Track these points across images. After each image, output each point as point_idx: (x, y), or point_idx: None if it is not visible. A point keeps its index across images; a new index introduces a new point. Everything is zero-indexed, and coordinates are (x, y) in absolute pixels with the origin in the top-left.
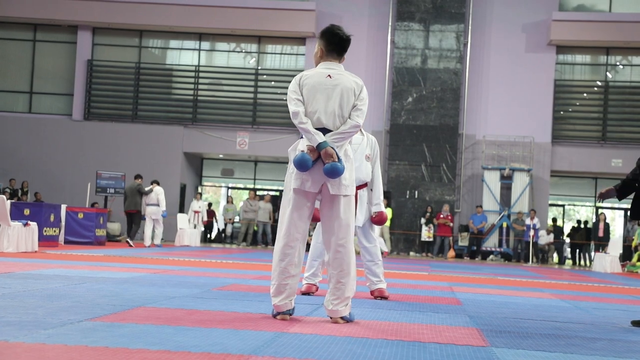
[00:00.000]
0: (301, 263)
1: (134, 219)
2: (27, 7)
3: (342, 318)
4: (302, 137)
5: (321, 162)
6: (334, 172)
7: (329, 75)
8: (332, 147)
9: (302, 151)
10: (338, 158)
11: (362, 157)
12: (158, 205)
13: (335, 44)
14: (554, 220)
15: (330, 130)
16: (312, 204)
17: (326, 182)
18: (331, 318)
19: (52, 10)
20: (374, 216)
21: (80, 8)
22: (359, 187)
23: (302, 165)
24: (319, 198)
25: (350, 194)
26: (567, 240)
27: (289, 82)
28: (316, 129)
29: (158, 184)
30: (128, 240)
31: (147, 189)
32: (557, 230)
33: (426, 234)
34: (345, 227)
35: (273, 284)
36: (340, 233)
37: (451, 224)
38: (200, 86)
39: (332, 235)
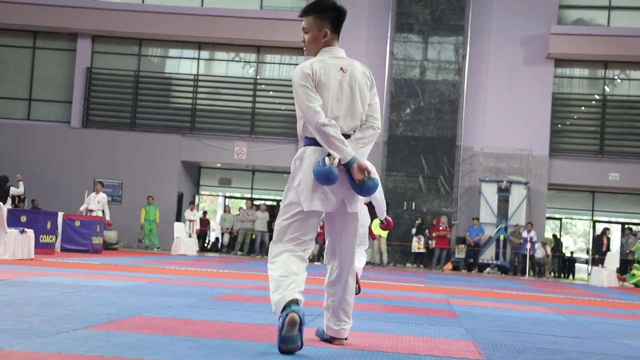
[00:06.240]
0: None
1: None
2: (27, 14)
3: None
4: (306, 145)
5: (344, 177)
6: (373, 190)
7: (342, 69)
8: (361, 161)
9: (329, 164)
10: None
11: None
12: None
13: (342, 21)
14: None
15: (346, 135)
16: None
17: (345, 199)
18: (335, 339)
19: (52, 18)
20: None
21: (80, 16)
22: None
23: (329, 180)
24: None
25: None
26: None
27: (287, 92)
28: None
29: None
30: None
31: None
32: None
33: (416, 245)
34: (354, 245)
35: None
36: (351, 251)
37: (449, 236)
38: (198, 95)
39: (342, 252)
